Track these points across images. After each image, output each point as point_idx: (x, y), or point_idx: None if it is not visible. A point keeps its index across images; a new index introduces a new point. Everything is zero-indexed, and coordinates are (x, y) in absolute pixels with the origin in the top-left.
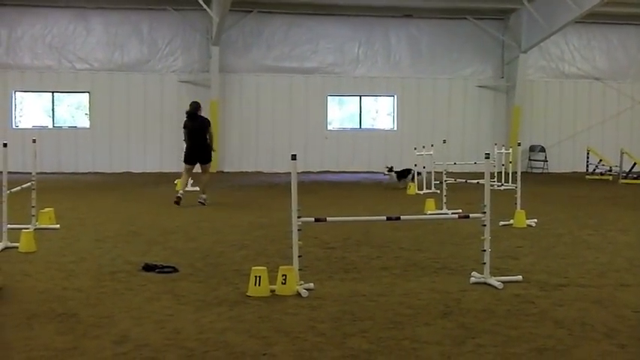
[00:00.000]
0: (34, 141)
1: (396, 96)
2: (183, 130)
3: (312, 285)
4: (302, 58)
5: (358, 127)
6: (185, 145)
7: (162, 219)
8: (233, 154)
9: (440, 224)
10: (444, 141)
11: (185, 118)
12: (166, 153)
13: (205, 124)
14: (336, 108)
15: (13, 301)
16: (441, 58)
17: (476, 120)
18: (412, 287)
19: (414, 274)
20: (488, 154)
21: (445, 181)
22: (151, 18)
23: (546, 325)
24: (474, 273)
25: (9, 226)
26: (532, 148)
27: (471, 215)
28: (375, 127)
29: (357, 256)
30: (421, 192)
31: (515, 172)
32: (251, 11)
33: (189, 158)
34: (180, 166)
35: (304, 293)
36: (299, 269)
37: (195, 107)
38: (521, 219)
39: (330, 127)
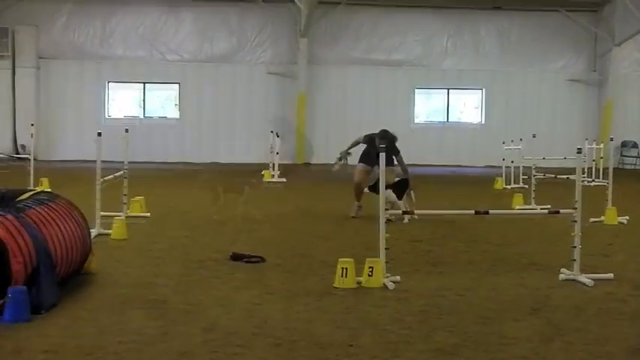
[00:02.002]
0: (126, 131)
1: (484, 89)
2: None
3: (398, 278)
4: (389, 50)
5: (445, 120)
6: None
7: (249, 209)
8: (319, 146)
9: (528, 220)
10: (534, 135)
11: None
12: (254, 144)
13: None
14: (423, 101)
15: (106, 286)
16: (531, 50)
17: (566, 114)
18: (499, 282)
19: (501, 269)
20: (580, 149)
21: (534, 176)
22: (240, 10)
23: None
24: (563, 270)
25: (102, 213)
26: (624, 144)
27: (561, 211)
28: (462, 120)
29: (444, 250)
30: (509, 187)
31: (607, 168)
32: (339, 3)
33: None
34: (266, 157)
35: (391, 286)
36: (385, 262)
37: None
38: (612, 216)
39: (416, 121)
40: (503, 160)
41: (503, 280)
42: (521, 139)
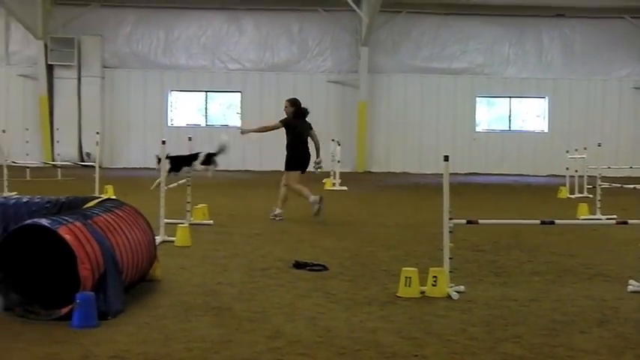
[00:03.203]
0: (189, 139)
1: (547, 97)
2: (286, 128)
3: (462, 288)
4: (451, 58)
5: (507, 128)
6: (291, 148)
7: (310, 217)
8: (380, 154)
9: (593, 230)
10: (599, 144)
11: (291, 116)
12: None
13: (309, 127)
14: (485, 109)
15: (171, 293)
16: (595, 58)
17: (632, 123)
18: (566, 293)
19: (567, 280)
20: None
21: (599, 185)
22: (301, 19)
23: None
24: (631, 281)
25: (166, 220)
26: None
27: (629, 221)
28: (524, 129)
29: (508, 260)
30: (573, 196)
31: None
32: (400, 12)
33: (301, 163)
34: (327, 165)
35: (455, 296)
36: (449, 271)
37: (300, 105)
38: None
39: (478, 129)
40: (567, 169)
41: (569, 290)
42: (585, 148)
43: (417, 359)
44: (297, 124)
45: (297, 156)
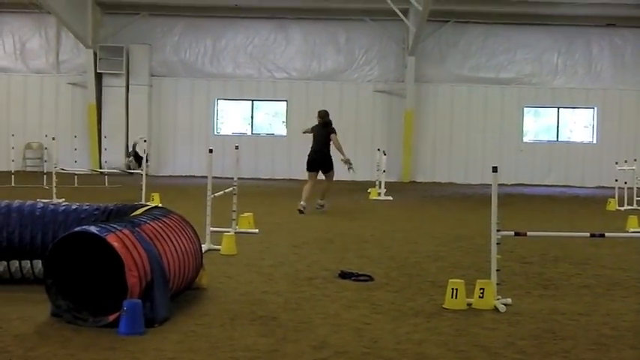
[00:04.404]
0: (236, 147)
1: (596, 108)
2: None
3: (509, 300)
4: (498, 68)
5: (555, 139)
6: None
7: (356, 227)
8: (426, 164)
9: None
10: None
11: (316, 123)
12: (360, 161)
13: (328, 132)
14: (532, 119)
15: (217, 301)
16: None
17: None
18: (616, 308)
19: (617, 293)
20: None
21: None
22: (348, 28)
23: None
24: None
25: (212, 229)
26: None
27: None
28: (572, 139)
29: (556, 273)
30: (622, 208)
31: None
32: (448, 21)
33: (309, 164)
34: (373, 175)
35: (502, 308)
36: (497, 283)
37: (325, 115)
38: None
39: (525, 139)
40: (617, 180)
41: (620, 305)
42: (635, 160)
43: None
44: (313, 131)
45: (308, 158)
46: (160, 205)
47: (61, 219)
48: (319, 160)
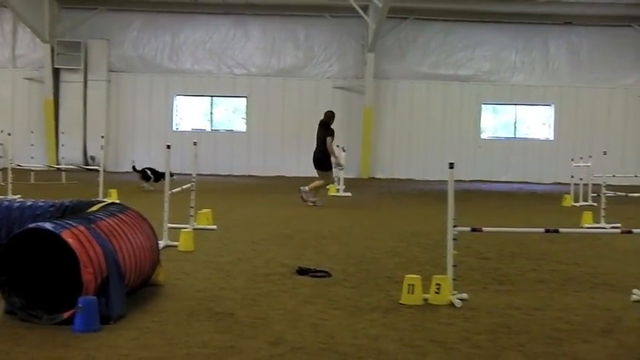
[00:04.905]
0: (194, 143)
1: (553, 105)
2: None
3: (465, 295)
4: (457, 65)
5: (513, 136)
6: None
7: (314, 223)
8: (385, 160)
9: (597, 238)
10: (605, 152)
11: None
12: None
13: (324, 135)
14: (490, 116)
15: (174, 298)
16: (601, 66)
17: (638, 131)
18: (570, 302)
19: (571, 288)
20: None
21: (604, 193)
22: (307, 24)
23: None
24: (635, 290)
25: (169, 225)
26: None
27: (634, 230)
28: (530, 136)
29: (512, 268)
30: (577, 204)
31: None
32: (407, 18)
33: (313, 163)
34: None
35: (458, 303)
36: (453, 279)
37: (328, 117)
38: None
39: (483, 136)
40: (572, 177)
41: (574, 299)
42: (590, 156)
43: None
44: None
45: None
46: (117, 201)
47: (16, 215)
48: (314, 159)
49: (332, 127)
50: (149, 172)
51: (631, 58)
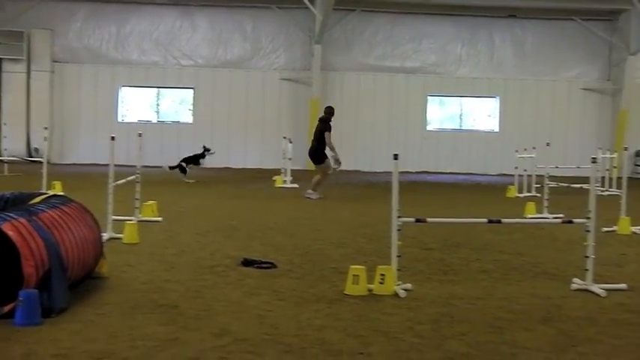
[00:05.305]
0: (139, 135)
1: (498, 97)
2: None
3: (409, 286)
4: (404, 57)
5: (458, 127)
6: None
7: (261, 215)
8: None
9: (540, 228)
10: (548, 144)
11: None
12: (266, 149)
13: (322, 129)
14: (436, 108)
15: (117, 290)
16: (545, 59)
17: (580, 123)
18: (511, 291)
19: (513, 278)
20: (595, 158)
21: (547, 184)
22: (254, 16)
23: None
24: (575, 279)
25: (114, 217)
26: (638, 153)
27: (574, 220)
28: (475, 128)
29: (456, 258)
30: (521, 195)
31: (620, 178)
32: (354, 10)
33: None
34: (278, 163)
35: (402, 294)
36: (397, 269)
37: (327, 112)
38: (625, 226)
39: (429, 128)
40: (516, 168)
41: (516, 289)
42: (534, 148)
43: (362, 357)
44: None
45: None
46: (62, 193)
47: None
48: (310, 153)
49: (330, 122)
50: (184, 165)
51: (573, 51)
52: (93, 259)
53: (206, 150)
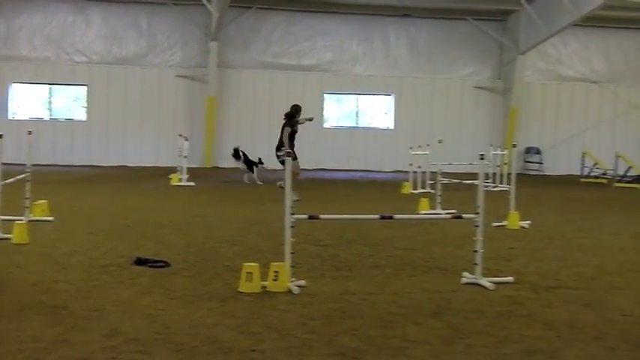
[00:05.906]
0: (29, 132)
1: (393, 95)
2: None
3: (303, 282)
4: (300, 55)
5: (355, 125)
6: None
7: (155, 213)
8: (229, 149)
9: (433, 224)
10: (440, 141)
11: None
12: (162, 147)
13: (284, 124)
14: (334, 106)
15: (4, 292)
16: (439, 58)
17: (472, 120)
18: (403, 286)
19: (405, 273)
20: (483, 154)
21: (439, 181)
22: (150, 12)
23: (536, 326)
24: (465, 273)
25: (2, 217)
26: (528, 150)
27: (464, 216)
28: (372, 125)
29: (350, 254)
30: (416, 191)
31: (510, 174)
32: (250, 7)
33: None
34: (175, 161)
35: (296, 290)
36: (291, 266)
37: (293, 109)
38: (514, 220)
39: (326, 125)
40: (411, 165)
41: (407, 283)
42: (428, 145)
43: (254, 354)
44: None
45: None
46: None
47: None
48: (275, 149)
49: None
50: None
51: (467, 50)
52: None
53: (260, 163)
